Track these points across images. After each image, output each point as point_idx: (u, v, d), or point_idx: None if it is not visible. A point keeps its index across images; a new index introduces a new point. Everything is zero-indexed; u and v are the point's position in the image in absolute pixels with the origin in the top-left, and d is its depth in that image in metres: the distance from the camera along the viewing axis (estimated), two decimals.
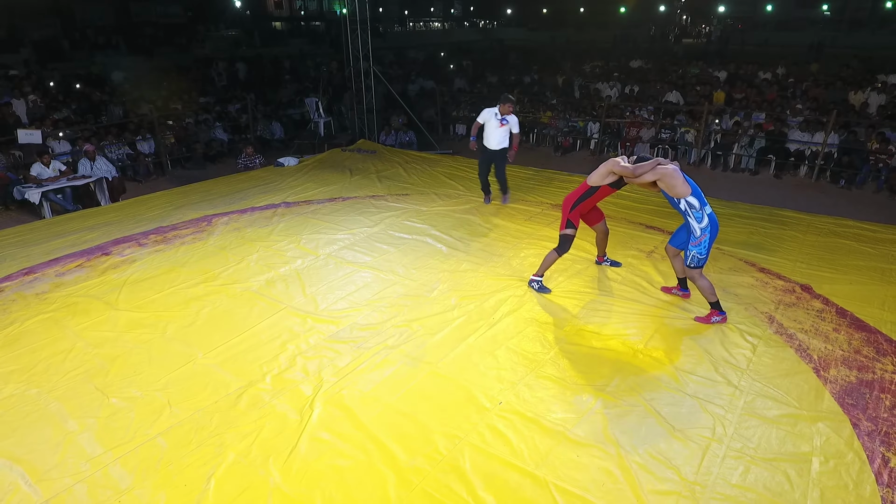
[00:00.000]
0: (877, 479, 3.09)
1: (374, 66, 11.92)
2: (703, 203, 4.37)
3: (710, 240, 4.38)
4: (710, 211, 4.39)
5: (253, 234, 6.70)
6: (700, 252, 4.39)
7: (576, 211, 4.98)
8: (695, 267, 4.45)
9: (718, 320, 4.59)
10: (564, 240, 5.04)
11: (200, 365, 4.21)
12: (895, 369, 4.03)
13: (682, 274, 4.93)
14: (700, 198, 4.36)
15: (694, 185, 4.39)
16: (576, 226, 5.01)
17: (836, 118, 9.95)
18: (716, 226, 4.41)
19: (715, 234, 4.40)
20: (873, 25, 33.06)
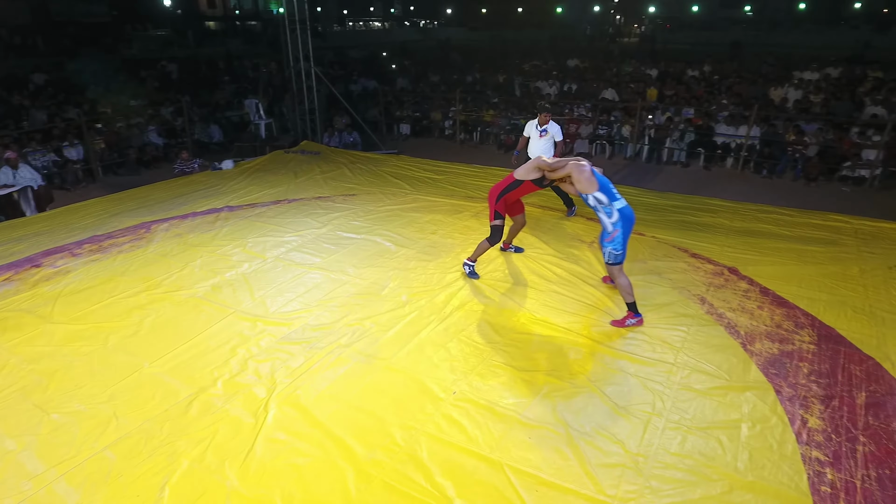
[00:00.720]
0: (797, 438, 3.39)
1: (315, 66, 11.81)
2: (613, 198, 4.38)
3: (623, 234, 4.39)
4: (623, 205, 4.40)
5: (196, 239, 6.54)
6: (615, 248, 4.41)
7: (501, 202, 5.16)
8: (612, 264, 4.47)
9: (633, 323, 4.55)
10: (495, 230, 5.24)
11: (147, 374, 4.11)
12: (811, 340, 4.41)
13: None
14: (609, 193, 4.39)
15: (603, 182, 4.42)
16: (503, 215, 5.22)
17: (757, 112, 10.61)
18: (629, 220, 4.41)
19: (629, 228, 4.42)
20: (788, 25, 35.29)
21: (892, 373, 3.99)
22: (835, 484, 3.06)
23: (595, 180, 4.41)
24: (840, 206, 7.72)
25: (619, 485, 3.08)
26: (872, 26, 32.12)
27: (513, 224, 5.78)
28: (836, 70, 14.47)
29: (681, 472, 3.16)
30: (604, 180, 4.45)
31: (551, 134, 6.92)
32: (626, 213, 4.41)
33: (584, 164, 4.51)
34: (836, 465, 3.18)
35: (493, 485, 3.09)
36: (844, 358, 4.16)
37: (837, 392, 3.79)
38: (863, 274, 5.47)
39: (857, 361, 4.13)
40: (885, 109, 11.42)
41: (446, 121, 14.18)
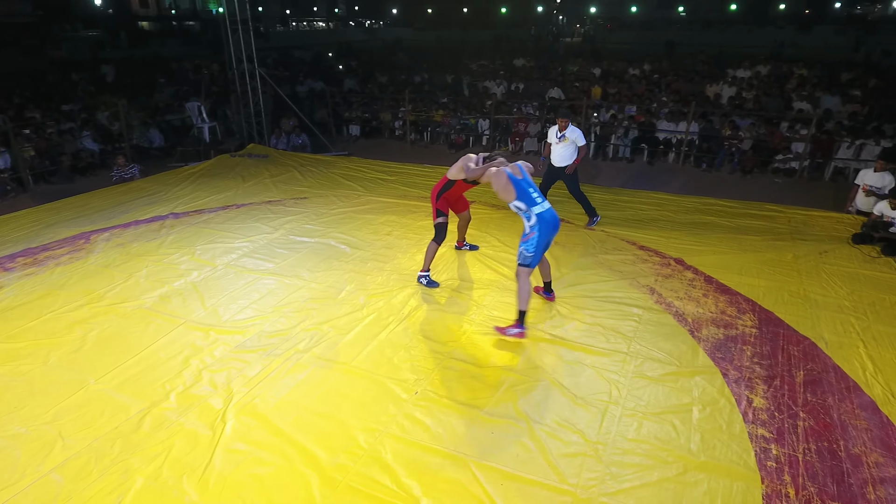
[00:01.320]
0: (744, 418, 3.57)
1: (259, 67, 11.54)
2: (531, 204, 4.31)
3: (539, 238, 4.29)
4: (543, 211, 4.31)
5: (140, 248, 6.29)
6: (528, 249, 4.32)
7: (442, 200, 5.19)
8: (521, 265, 4.36)
9: (515, 333, 4.39)
10: (438, 228, 5.26)
11: (94, 391, 3.92)
12: (753, 324, 4.65)
13: (548, 277, 4.96)
14: (527, 199, 4.32)
15: (522, 189, 4.33)
16: (445, 213, 5.25)
17: (694, 109, 11.08)
18: (548, 225, 4.32)
19: (547, 233, 4.33)
20: (721, 25, 36.96)
21: (826, 351, 4.26)
22: (779, 458, 3.25)
23: (512, 188, 4.32)
24: (774, 197, 8.16)
25: (580, 473, 3.16)
26: (795, 26, 34.10)
27: (459, 221, 5.84)
28: (765, 68, 15.28)
29: (638, 457, 3.28)
30: (523, 185, 4.35)
31: (571, 139, 6.55)
32: (547, 217, 4.32)
33: (503, 170, 4.41)
34: (780, 441, 3.38)
35: (458, 482, 3.12)
36: (783, 340, 4.42)
37: (778, 372, 4.02)
38: (797, 260, 5.81)
39: (795, 342, 4.38)
40: (809, 105, 12.17)
41: (396, 121, 14.14)
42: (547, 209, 4.36)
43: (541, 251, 4.36)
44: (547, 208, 4.37)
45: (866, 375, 3.97)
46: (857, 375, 3.97)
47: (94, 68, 18.24)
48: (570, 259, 5.88)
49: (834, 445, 3.34)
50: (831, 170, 10.16)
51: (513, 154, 12.29)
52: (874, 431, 3.45)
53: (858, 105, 11.94)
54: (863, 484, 3.07)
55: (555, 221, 4.39)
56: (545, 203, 4.39)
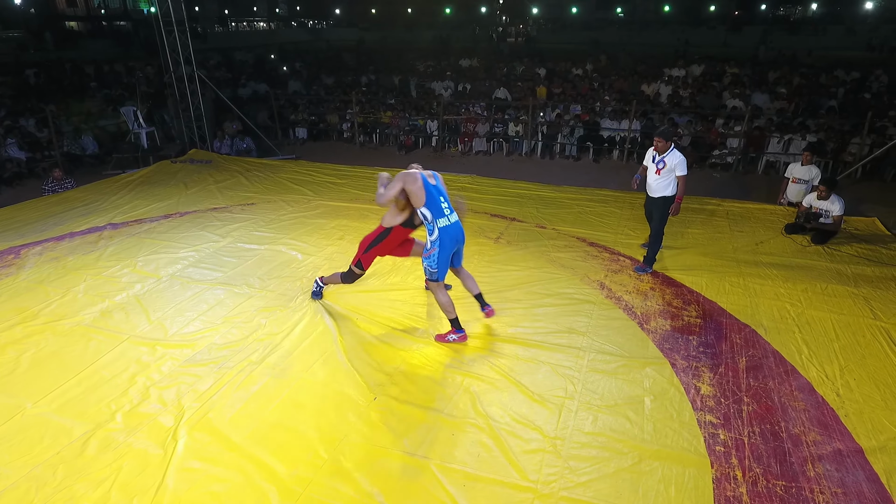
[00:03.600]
0: (692, 405, 3.73)
1: (198, 69, 11.16)
2: (438, 215, 4.08)
3: (441, 253, 4.14)
4: (448, 224, 4.11)
5: (76, 262, 5.97)
6: (431, 265, 4.19)
7: (371, 252, 4.67)
8: (429, 279, 4.26)
9: (455, 339, 4.38)
10: (349, 276, 4.82)
11: (31, 416, 3.70)
12: (697, 314, 4.86)
13: (476, 290, 4.63)
14: (434, 209, 4.08)
15: (431, 195, 4.08)
16: (365, 268, 4.77)
17: (636, 107, 11.45)
18: (451, 239, 4.14)
19: (449, 247, 4.16)
20: (657, 26, 38.35)
21: (765, 338, 4.49)
22: (727, 443, 3.41)
23: (423, 194, 4.07)
24: (713, 191, 8.54)
25: (540, 469, 3.22)
26: (726, 27, 35.78)
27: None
28: (699, 67, 15.96)
29: (595, 450, 3.36)
30: (433, 192, 4.11)
31: (670, 167, 5.34)
32: (450, 232, 4.12)
33: (417, 172, 4.18)
34: (727, 426, 3.54)
35: (421, 486, 3.12)
36: (726, 328, 4.63)
37: (722, 360, 4.21)
38: (735, 251, 6.11)
39: (737, 330, 4.61)
40: (742, 102, 12.79)
41: (344, 123, 13.98)
42: (451, 223, 4.13)
43: (445, 264, 4.21)
44: (452, 222, 4.14)
45: (802, 359, 4.21)
46: (794, 359, 4.21)
47: (16, 72, 17.18)
48: (522, 257, 5.97)
49: (776, 427, 3.53)
50: (763, 163, 10.74)
51: (462, 154, 12.36)
52: (811, 411, 3.67)
53: (785, 102, 12.64)
54: (803, 462, 3.26)
55: (458, 234, 4.20)
56: (454, 215, 4.18)
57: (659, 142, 5.37)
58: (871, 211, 7.37)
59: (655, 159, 5.45)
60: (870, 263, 5.77)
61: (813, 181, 7.12)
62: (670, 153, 5.36)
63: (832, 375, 4.02)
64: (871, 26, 34.18)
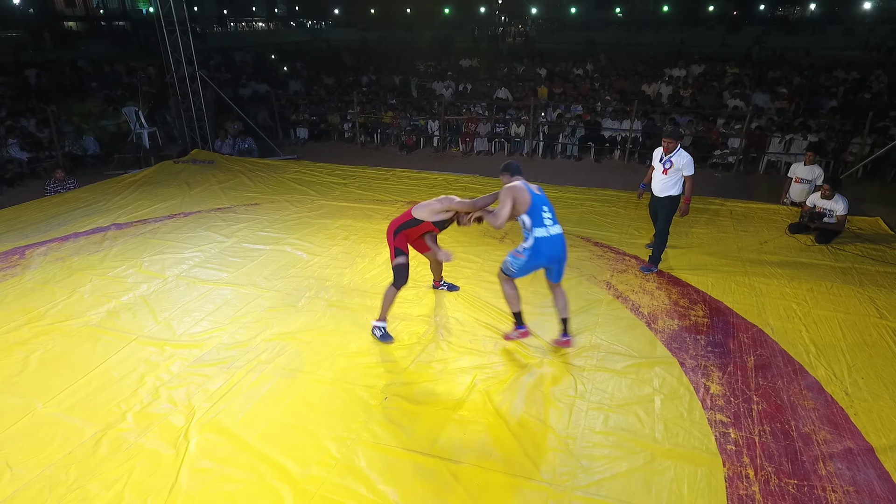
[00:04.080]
0: (703, 404, 3.74)
1: (199, 69, 11.14)
2: (537, 224, 3.93)
3: (529, 262, 4.00)
4: (543, 236, 3.92)
5: (81, 262, 5.96)
6: (512, 264, 4.08)
7: (401, 236, 4.42)
8: (503, 271, 4.18)
9: (515, 335, 4.31)
10: (398, 271, 4.38)
11: (41, 416, 3.70)
12: (704, 314, 4.87)
13: (564, 313, 4.31)
14: (535, 217, 3.93)
15: (536, 205, 3.94)
16: (405, 252, 4.43)
17: (637, 107, 11.47)
18: (542, 256, 3.96)
19: (537, 260, 4.00)
20: (655, 26, 38.41)
21: (772, 337, 4.50)
22: (738, 442, 3.41)
23: (529, 200, 3.93)
24: (714, 191, 8.56)
25: (553, 468, 3.23)
26: (725, 27, 35.85)
27: (430, 261, 5.13)
28: (699, 67, 15.99)
29: (607, 449, 3.37)
30: (538, 203, 3.96)
31: (678, 166, 5.35)
32: (542, 247, 3.93)
33: (521, 184, 4.01)
34: (737, 425, 3.55)
35: (436, 485, 3.12)
36: (733, 327, 4.65)
37: (731, 359, 4.22)
38: (740, 251, 6.12)
39: (744, 330, 4.62)
40: (742, 102, 12.82)
41: (345, 123, 13.97)
42: (548, 237, 3.92)
43: (525, 271, 4.09)
44: (549, 235, 3.93)
45: (810, 358, 4.23)
46: (802, 358, 4.22)
47: (16, 72, 17.14)
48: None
49: (786, 426, 3.54)
50: (764, 163, 10.76)
51: (463, 154, 12.37)
52: (821, 410, 3.68)
53: (786, 102, 12.67)
54: (814, 461, 3.27)
55: (554, 249, 3.96)
56: (553, 228, 3.95)
57: (667, 142, 5.37)
58: (873, 210, 7.40)
59: (663, 159, 5.44)
60: (874, 263, 5.79)
61: (816, 181, 7.15)
62: (677, 153, 5.36)
63: (840, 374, 4.03)
64: (868, 26, 34.29)
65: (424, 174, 9.25)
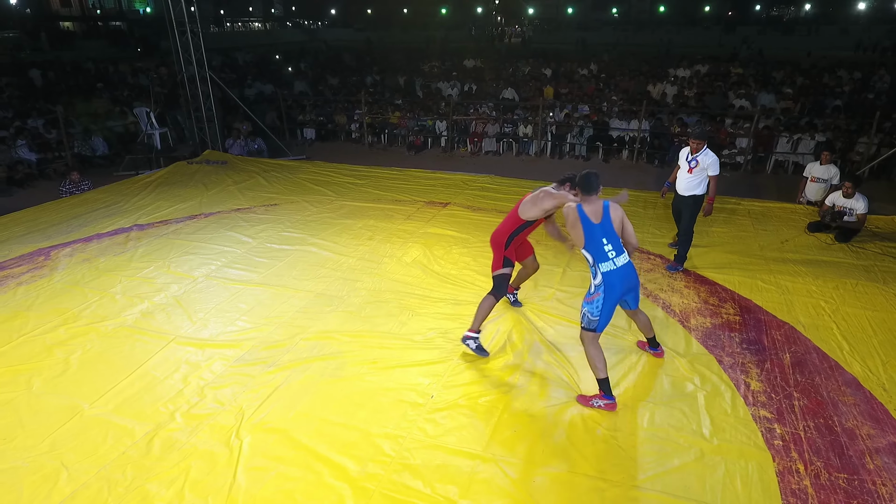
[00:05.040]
0: (745, 401, 3.80)
1: (208, 70, 11.14)
2: (600, 259, 3.58)
3: (606, 300, 3.59)
4: (610, 269, 3.57)
5: (109, 263, 5.96)
6: (592, 312, 3.62)
7: (512, 245, 4.26)
8: (585, 329, 3.68)
9: (601, 405, 3.71)
10: (500, 280, 4.24)
11: (90, 416, 3.71)
12: (735, 312, 4.93)
13: (649, 333, 4.20)
14: (595, 252, 3.59)
15: (593, 236, 3.57)
16: (513, 262, 4.34)
17: (645, 107, 11.56)
18: (616, 288, 3.60)
19: (615, 295, 3.62)
20: (652, 26, 38.59)
21: (804, 334, 4.58)
22: (784, 437, 3.48)
23: (580, 232, 3.59)
24: (724, 190, 8.60)
25: (605, 463, 3.27)
26: (721, 28, 36.08)
27: (521, 269, 4.82)
28: (704, 67, 16.12)
29: (657, 445, 3.42)
30: (596, 233, 3.57)
31: (703, 166, 5.40)
32: (612, 279, 3.57)
33: (575, 205, 3.65)
34: (782, 421, 3.61)
35: (492, 482, 3.16)
36: (765, 325, 4.71)
37: (767, 356, 4.29)
38: (762, 249, 6.20)
39: (776, 327, 4.69)
40: (748, 102, 12.93)
41: (352, 124, 13.99)
42: (618, 268, 3.59)
43: (608, 313, 3.65)
44: (618, 266, 3.59)
45: (844, 354, 4.30)
46: (837, 355, 4.30)
47: (19, 72, 17.05)
48: (553, 256, 6.01)
49: (829, 421, 3.61)
50: (772, 163, 10.88)
51: (472, 155, 12.41)
52: (861, 406, 3.75)
53: (791, 102, 12.80)
54: (861, 455, 3.33)
55: (625, 280, 3.64)
56: (621, 258, 3.61)
57: (695, 143, 5.45)
58: (881, 210, 7.46)
59: (689, 158, 5.50)
60: (895, 260, 5.87)
61: (832, 180, 7.24)
62: (703, 153, 5.43)
63: (876, 370, 4.11)
64: (863, 27, 34.61)
65: (439, 174, 9.28)
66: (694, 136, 5.48)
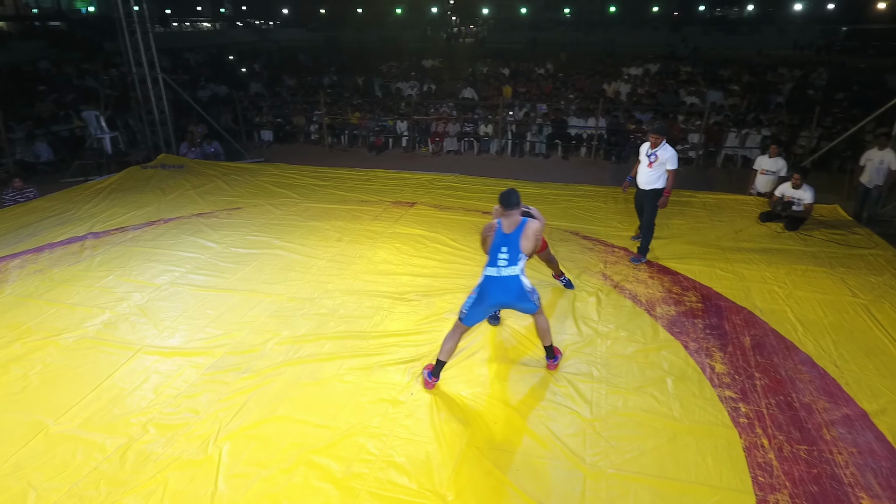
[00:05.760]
0: (711, 383, 3.98)
1: (160, 72, 10.80)
2: (490, 263, 3.75)
3: (476, 300, 3.75)
4: (492, 275, 3.71)
5: (64, 273, 5.73)
6: (465, 305, 3.80)
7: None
8: (458, 317, 3.86)
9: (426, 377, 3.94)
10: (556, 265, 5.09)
11: (55, 433, 3.57)
12: (697, 299, 5.14)
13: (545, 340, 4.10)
14: (491, 255, 3.76)
15: (497, 242, 3.75)
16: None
17: (602, 105, 11.86)
18: (487, 292, 3.72)
19: (485, 300, 3.74)
20: (604, 26, 39.50)
21: (762, 318, 4.81)
22: (748, 415, 3.66)
23: (490, 242, 3.80)
24: (679, 184, 8.92)
25: (585, 449, 3.38)
26: (668, 27, 37.27)
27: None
28: (654, 66, 16.64)
29: (631, 429, 3.55)
30: (497, 241, 3.76)
31: (662, 160, 5.60)
32: (490, 285, 3.72)
33: (496, 222, 3.87)
34: (746, 400, 3.80)
35: (477, 474, 3.21)
36: (725, 311, 4.93)
37: (729, 340, 4.50)
38: (719, 239, 6.47)
39: (735, 312, 4.91)
40: (698, 99, 13.43)
41: (311, 125, 13.81)
42: (500, 277, 3.70)
43: (477, 314, 3.80)
44: (502, 276, 3.70)
45: (798, 335, 4.55)
46: (792, 336, 4.54)
47: None
48: None
49: (788, 398, 3.82)
50: (722, 157, 11.34)
51: (433, 154, 12.46)
52: (816, 382, 3.98)
53: (738, 99, 13.37)
54: (818, 427, 3.55)
55: (502, 291, 3.72)
56: (509, 269, 3.70)
57: (655, 137, 5.62)
58: (823, 199, 7.87)
59: (648, 153, 5.68)
60: (839, 246, 6.24)
61: (780, 172, 7.61)
62: (662, 147, 5.61)
63: (828, 349, 4.36)
64: (799, 26, 36.38)
65: (404, 174, 9.28)
66: (653, 131, 5.66)
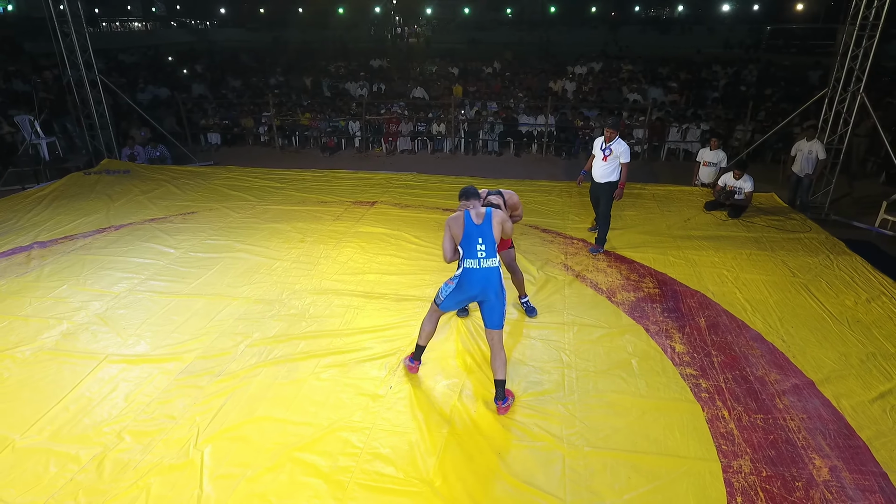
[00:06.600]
0: (672, 362, 4.23)
1: (98, 74, 10.34)
2: (468, 255, 3.72)
3: (455, 290, 3.77)
4: (472, 267, 3.69)
5: (11, 285, 5.45)
6: (442, 291, 3.85)
7: None
8: (434, 302, 3.93)
9: (407, 363, 4.13)
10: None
11: (23, 447, 3.44)
12: (653, 285, 5.43)
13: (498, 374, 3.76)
14: (467, 248, 3.73)
15: (469, 235, 3.71)
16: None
17: (550, 103, 12.19)
18: (470, 286, 3.72)
19: (464, 291, 3.74)
20: (545, 26, 40.40)
21: (714, 300, 5.14)
22: (709, 390, 3.92)
23: (462, 233, 3.74)
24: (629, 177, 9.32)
25: (562, 431, 3.54)
26: (607, 27, 38.53)
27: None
28: (598, 64, 17.21)
29: (604, 409, 3.74)
30: (472, 232, 3.71)
31: (616, 154, 5.81)
32: (471, 278, 3.70)
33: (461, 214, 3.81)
34: (705, 376, 4.07)
35: (462, 459, 3.31)
36: (680, 295, 5.24)
37: (686, 321, 4.78)
38: (669, 228, 6.83)
39: (690, 296, 5.22)
40: (640, 96, 14.01)
41: (260, 127, 13.54)
42: (480, 269, 3.69)
43: (453, 302, 3.84)
44: (482, 267, 3.69)
45: (748, 314, 4.89)
46: (742, 315, 4.88)
47: None
48: None
49: (743, 372, 4.11)
50: (665, 151, 11.89)
51: (387, 154, 12.48)
52: (767, 356, 4.30)
53: (677, 95, 14.02)
54: (772, 397, 3.84)
55: (483, 282, 3.70)
56: (489, 261, 3.70)
57: (610, 132, 5.84)
58: (760, 188, 8.41)
59: (603, 147, 5.90)
60: (778, 231, 6.71)
61: (720, 163, 8.09)
62: (616, 142, 5.83)
63: (775, 325, 4.72)
64: (728, 26, 38.35)
65: (362, 174, 9.29)
66: (609, 126, 5.89)
